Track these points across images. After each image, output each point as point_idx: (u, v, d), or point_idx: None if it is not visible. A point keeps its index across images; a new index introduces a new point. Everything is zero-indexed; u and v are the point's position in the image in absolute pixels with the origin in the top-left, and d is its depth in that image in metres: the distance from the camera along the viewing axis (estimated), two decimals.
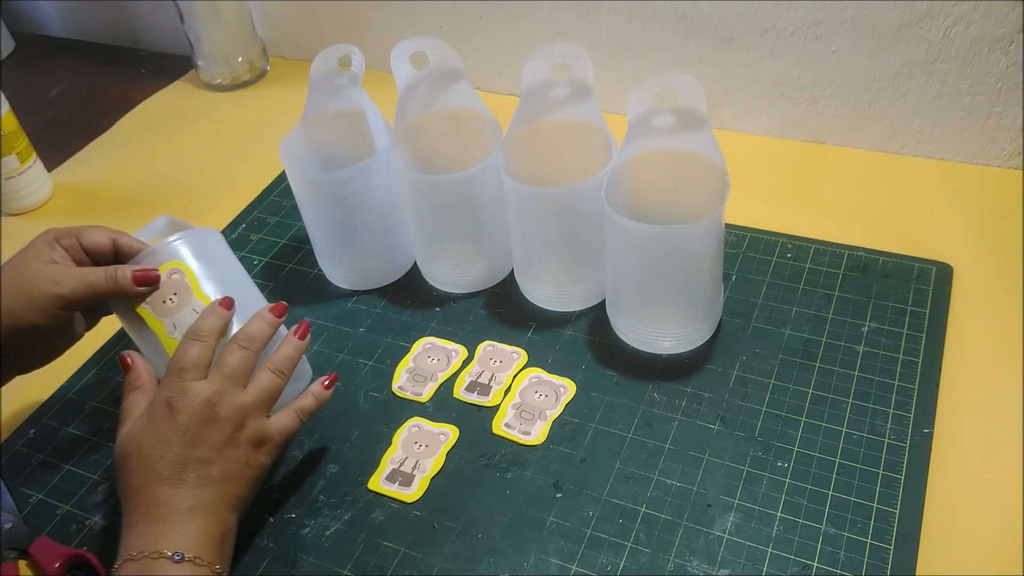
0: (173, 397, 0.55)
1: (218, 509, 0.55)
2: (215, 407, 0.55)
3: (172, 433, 0.54)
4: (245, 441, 0.56)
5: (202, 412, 0.55)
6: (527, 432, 0.64)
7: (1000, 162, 0.83)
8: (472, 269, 0.76)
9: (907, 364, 0.65)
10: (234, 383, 0.57)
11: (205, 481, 0.54)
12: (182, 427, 0.54)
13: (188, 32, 1.08)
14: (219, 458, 0.55)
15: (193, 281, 0.60)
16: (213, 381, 0.56)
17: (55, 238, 0.61)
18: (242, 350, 0.58)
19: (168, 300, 0.60)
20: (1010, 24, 0.75)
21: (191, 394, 0.55)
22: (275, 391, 0.58)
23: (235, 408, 0.56)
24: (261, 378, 0.58)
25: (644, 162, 0.65)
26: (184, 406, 0.55)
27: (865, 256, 0.75)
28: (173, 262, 0.61)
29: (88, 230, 0.62)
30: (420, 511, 0.61)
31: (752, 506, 0.58)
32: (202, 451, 0.54)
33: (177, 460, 0.54)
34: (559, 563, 0.56)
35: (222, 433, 0.55)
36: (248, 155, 0.99)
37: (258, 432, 0.57)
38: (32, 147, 0.93)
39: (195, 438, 0.54)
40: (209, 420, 0.55)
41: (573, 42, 0.79)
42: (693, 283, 0.65)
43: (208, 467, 0.55)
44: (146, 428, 0.55)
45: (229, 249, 0.65)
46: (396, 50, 0.69)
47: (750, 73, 0.87)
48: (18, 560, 0.60)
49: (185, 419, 0.54)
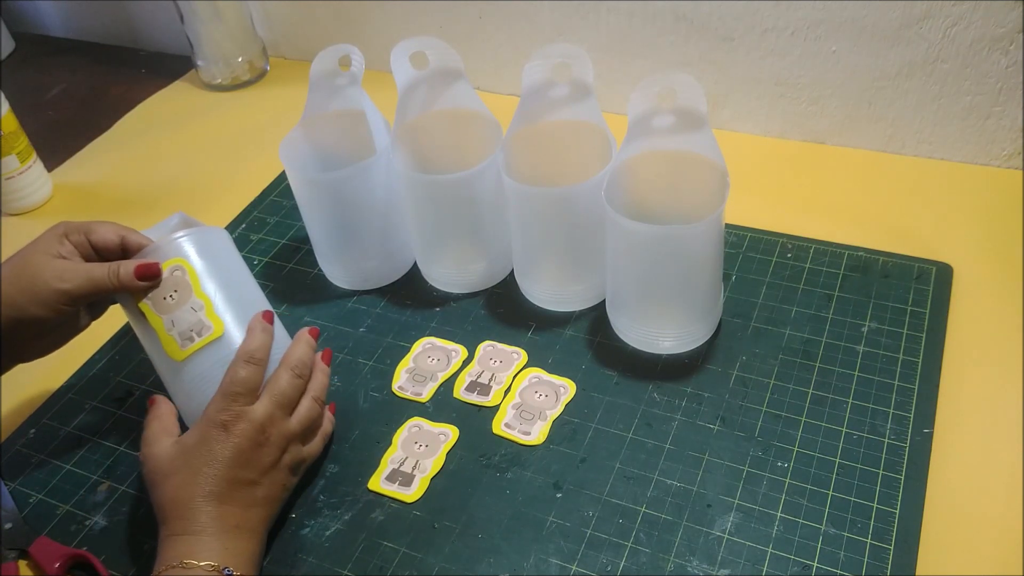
0: (228, 421, 0.56)
1: (259, 530, 0.57)
2: (267, 433, 0.57)
3: (225, 454, 0.56)
4: (285, 466, 0.59)
5: (255, 437, 0.56)
6: (527, 432, 0.64)
7: (1000, 162, 0.83)
8: (472, 269, 0.76)
9: (907, 364, 0.65)
10: (284, 410, 0.59)
11: (251, 502, 0.56)
12: (235, 449, 0.56)
13: (188, 32, 1.08)
14: (264, 481, 0.57)
15: (194, 279, 0.60)
16: (266, 406, 0.57)
17: (64, 233, 0.61)
18: (296, 378, 0.60)
19: (168, 297, 0.60)
20: (1010, 24, 0.75)
21: (246, 419, 0.57)
22: (316, 420, 0.62)
23: (283, 436, 0.58)
24: (306, 407, 0.60)
25: (644, 162, 0.65)
26: (240, 430, 0.56)
27: (865, 256, 0.75)
28: (176, 259, 0.61)
29: (97, 226, 0.62)
30: (420, 511, 0.61)
31: (752, 506, 0.58)
32: (251, 473, 0.56)
33: (227, 479, 0.55)
34: (559, 563, 0.56)
35: (270, 457, 0.57)
36: (248, 155, 0.99)
37: (297, 457, 0.60)
38: (32, 147, 0.93)
39: (247, 461, 0.56)
40: (260, 445, 0.57)
41: (573, 42, 0.79)
42: (693, 283, 0.65)
43: (254, 489, 0.56)
44: (197, 447, 0.56)
45: (235, 250, 0.65)
46: (396, 50, 0.69)
47: (750, 73, 0.87)
48: (18, 560, 0.60)
49: (239, 441, 0.56)
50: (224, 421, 0.56)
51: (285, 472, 0.58)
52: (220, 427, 0.56)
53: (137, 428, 0.68)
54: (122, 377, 0.73)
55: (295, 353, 0.61)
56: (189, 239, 0.62)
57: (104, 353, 0.75)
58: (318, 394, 0.61)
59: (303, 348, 0.61)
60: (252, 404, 0.57)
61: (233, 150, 1.01)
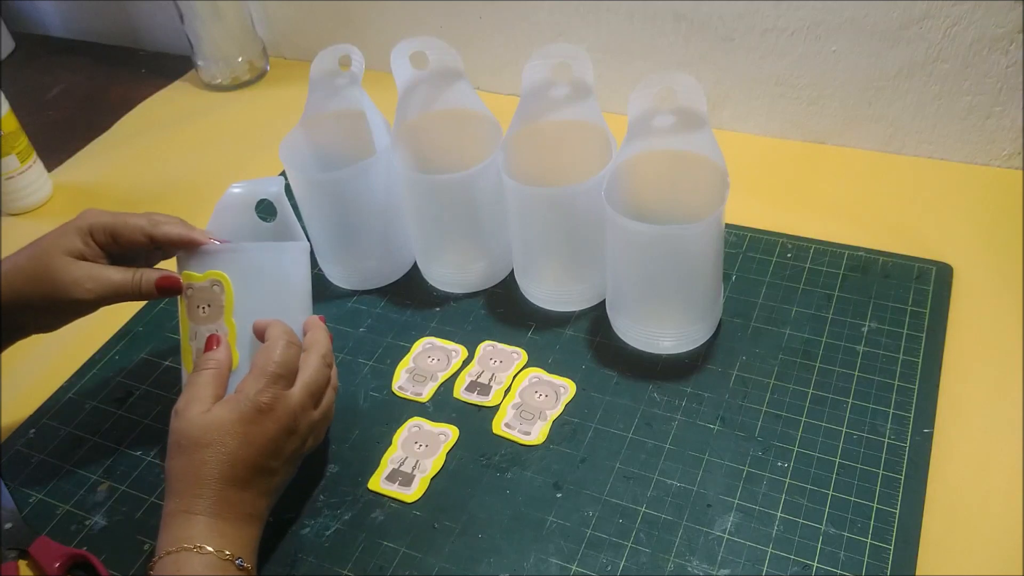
0: (267, 404, 0.54)
1: (264, 517, 0.56)
2: (297, 421, 0.55)
3: (260, 439, 0.53)
4: (300, 456, 0.57)
5: (288, 424, 0.55)
6: (527, 432, 0.64)
7: (1000, 162, 0.83)
8: (472, 269, 0.76)
9: (907, 364, 0.65)
10: (313, 399, 0.57)
11: (265, 491, 0.55)
12: (270, 436, 0.54)
13: (188, 32, 1.08)
14: (282, 470, 0.56)
15: (228, 301, 0.58)
16: (302, 394, 0.56)
17: (89, 230, 0.59)
18: (327, 367, 0.58)
19: (201, 308, 0.59)
20: (1010, 24, 0.75)
21: (284, 404, 0.54)
22: (331, 412, 0.60)
23: (309, 425, 0.57)
24: (329, 399, 0.59)
25: (644, 162, 0.65)
26: (277, 416, 0.54)
27: (865, 256, 0.75)
28: (216, 273, 0.58)
29: (124, 226, 0.60)
30: (420, 511, 0.61)
31: (752, 506, 0.58)
32: (275, 462, 0.55)
33: (254, 466, 0.53)
34: (559, 563, 0.56)
35: (293, 446, 0.56)
36: (248, 155, 0.99)
37: (312, 447, 0.59)
38: (32, 147, 0.93)
39: (276, 449, 0.54)
40: (290, 433, 0.55)
41: (573, 42, 0.79)
42: (693, 283, 0.65)
43: (273, 478, 0.55)
44: (235, 425, 0.53)
45: (304, 270, 0.63)
46: (396, 50, 0.69)
47: (750, 73, 0.87)
48: (18, 560, 0.60)
49: (274, 429, 0.54)
50: (263, 404, 0.53)
51: (296, 462, 0.57)
52: (259, 410, 0.53)
53: (137, 428, 0.68)
54: (122, 377, 0.73)
55: (323, 341, 0.59)
56: (247, 255, 0.59)
57: (104, 353, 0.75)
58: (335, 383, 0.60)
59: (326, 337, 0.60)
60: (290, 389, 0.55)
61: (233, 150, 1.01)
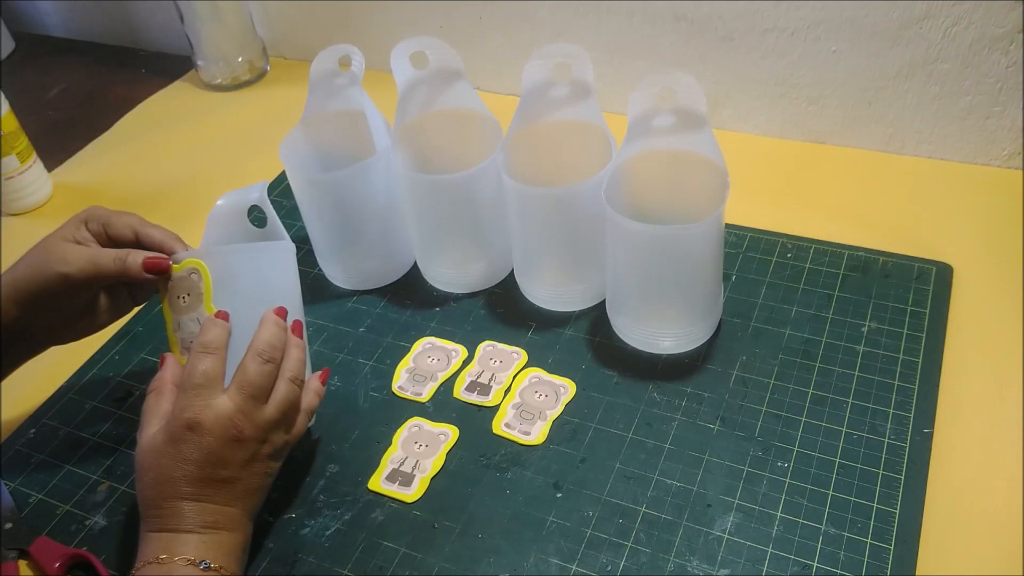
0: (193, 417, 0.53)
1: (242, 521, 0.55)
2: (240, 428, 0.54)
3: (195, 455, 0.52)
4: (265, 456, 0.56)
5: (226, 433, 0.53)
6: (527, 432, 0.64)
7: (1000, 162, 0.83)
8: (472, 269, 0.76)
9: (907, 364, 0.65)
10: (256, 400, 0.55)
11: (230, 500, 0.54)
12: (205, 449, 0.52)
13: (188, 32, 1.08)
14: (243, 475, 0.54)
15: (207, 289, 0.58)
16: (235, 399, 0.54)
17: (85, 219, 0.61)
18: (264, 363, 0.55)
19: (181, 298, 0.59)
20: (1010, 24, 0.75)
21: (212, 415, 0.53)
22: (296, 402, 0.58)
23: (259, 427, 0.55)
24: (283, 391, 0.56)
25: (644, 162, 0.65)
26: (207, 428, 0.53)
27: (865, 256, 0.75)
28: (194, 260, 0.58)
29: (117, 219, 0.61)
30: (420, 511, 0.61)
31: (752, 506, 0.58)
32: (227, 471, 0.53)
33: (200, 480, 0.52)
34: (559, 563, 0.56)
35: (246, 452, 0.54)
36: (248, 155, 0.99)
37: (279, 444, 0.57)
38: (32, 147, 0.93)
39: (220, 460, 0.53)
40: (234, 440, 0.53)
41: (573, 42, 0.79)
42: (693, 283, 0.65)
43: (233, 485, 0.54)
44: (166, 447, 0.53)
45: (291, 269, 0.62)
46: (396, 50, 0.69)
47: (750, 73, 0.87)
48: (18, 560, 0.60)
49: (209, 441, 0.53)
50: (188, 420, 0.53)
51: (265, 462, 0.56)
52: (185, 426, 0.52)
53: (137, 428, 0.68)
54: (122, 377, 0.73)
55: (261, 336, 0.56)
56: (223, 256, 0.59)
57: (104, 353, 0.75)
58: (295, 374, 0.57)
59: (270, 329, 0.57)
60: (217, 397, 0.54)
61: (233, 150, 1.01)
